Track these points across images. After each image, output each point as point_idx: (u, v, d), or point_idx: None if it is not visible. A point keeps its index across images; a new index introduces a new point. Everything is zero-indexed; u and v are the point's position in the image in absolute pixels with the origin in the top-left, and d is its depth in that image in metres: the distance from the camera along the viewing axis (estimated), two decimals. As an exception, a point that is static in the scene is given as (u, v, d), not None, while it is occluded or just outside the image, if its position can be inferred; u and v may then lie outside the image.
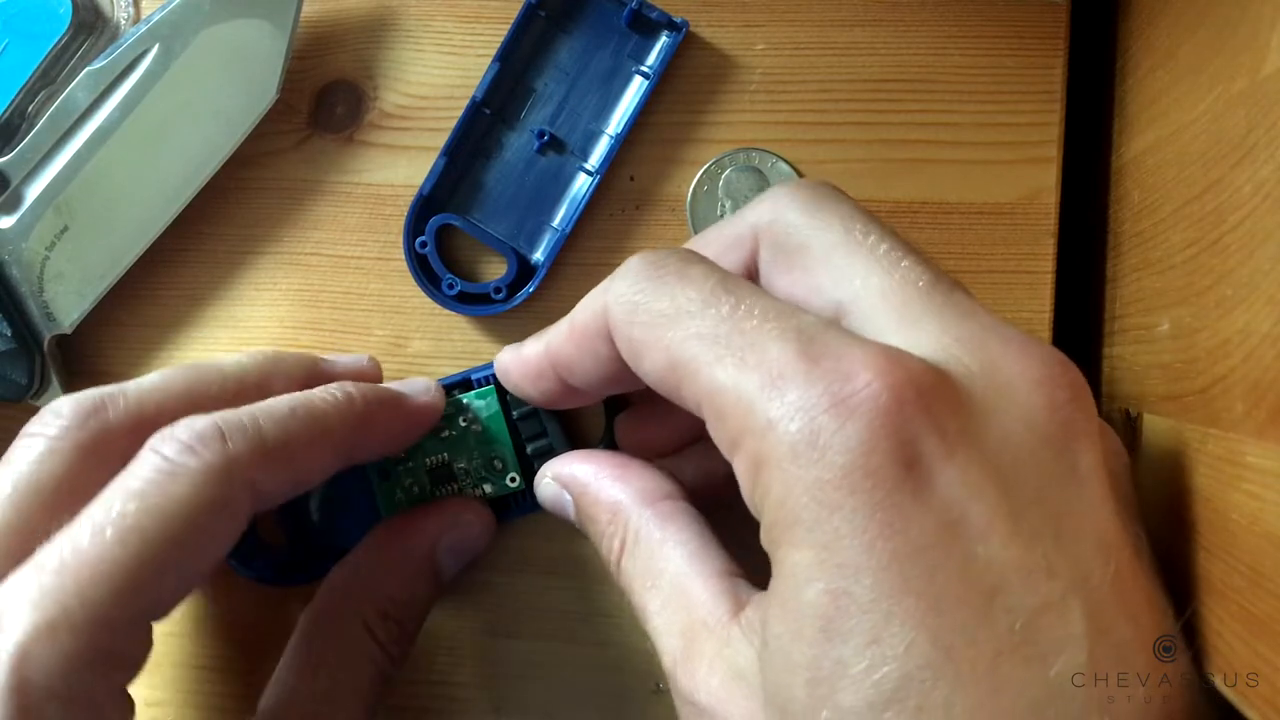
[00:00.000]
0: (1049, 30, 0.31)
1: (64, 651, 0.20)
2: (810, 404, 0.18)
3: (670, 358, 0.21)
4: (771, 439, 0.19)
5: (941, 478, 0.18)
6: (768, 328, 0.20)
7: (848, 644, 0.18)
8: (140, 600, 0.21)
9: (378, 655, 0.27)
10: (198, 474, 0.22)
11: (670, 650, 0.22)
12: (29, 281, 0.31)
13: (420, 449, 0.29)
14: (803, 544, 0.18)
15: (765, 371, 0.19)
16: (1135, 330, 0.28)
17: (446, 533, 0.29)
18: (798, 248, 0.23)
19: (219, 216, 0.32)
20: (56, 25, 0.31)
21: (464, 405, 0.29)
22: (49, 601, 0.21)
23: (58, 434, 0.24)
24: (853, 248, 0.22)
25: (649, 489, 0.25)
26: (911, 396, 0.18)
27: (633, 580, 0.24)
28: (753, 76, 0.31)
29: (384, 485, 0.29)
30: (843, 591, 0.18)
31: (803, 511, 0.18)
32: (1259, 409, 0.20)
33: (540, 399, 0.27)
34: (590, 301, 0.24)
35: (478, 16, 0.32)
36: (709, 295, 0.21)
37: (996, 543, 0.18)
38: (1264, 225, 0.20)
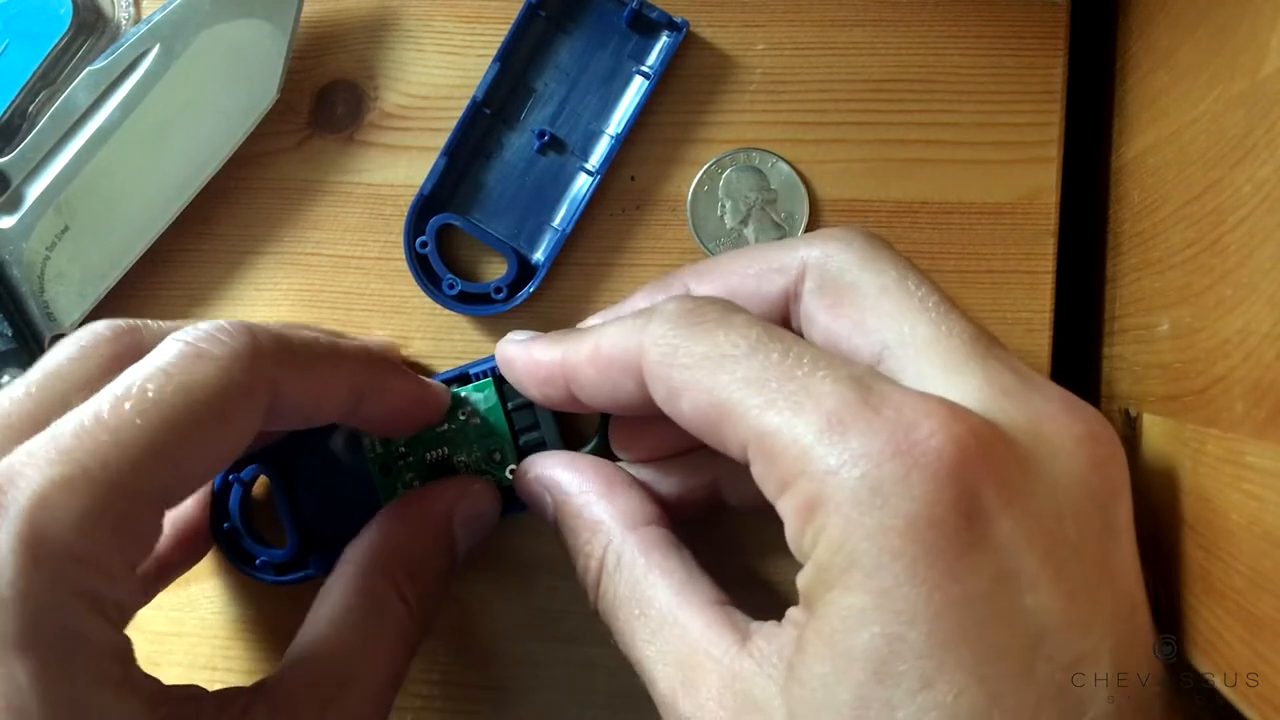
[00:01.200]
0: (1049, 30, 0.31)
1: (81, 508, 0.20)
2: (874, 451, 0.19)
3: (712, 400, 0.21)
4: (832, 484, 0.19)
5: (997, 530, 0.19)
6: (820, 374, 0.20)
7: (899, 687, 0.18)
8: (158, 474, 0.21)
9: (404, 616, 0.27)
10: (222, 357, 0.22)
11: (666, 679, 0.22)
12: (30, 281, 0.31)
13: (420, 443, 0.29)
14: (859, 588, 0.19)
15: (823, 416, 0.19)
16: (1135, 330, 0.28)
17: (461, 501, 0.29)
18: (848, 286, 0.23)
19: (219, 216, 0.32)
20: (57, 25, 0.31)
21: (462, 399, 0.29)
22: (67, 459, 0.20)
23: (90, 342, 0.24)
24: (904, 296, 0.22)
25: (633, 512, 0.25)
26: (974, 449, 0.19)
27: (616, 607, 0.24)
28: (753, 76, 0.31)
29: (385, 480, 0.30)
30: (897, 636, 0.18)
31: (862, 556, 0.19)
32: (1259, 409, 0.20)
33: (540, 401, 0.27)
34: (621, 336, 0.24)
35: (478, 16, 0.32)
36: (755, 342, 0.21)
37: (1043, 595, 0.19)
38: (1264, 225, 0.20)
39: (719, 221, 0.31)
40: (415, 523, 0.28)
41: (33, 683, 0.19)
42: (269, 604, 0.32)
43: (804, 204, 0.31)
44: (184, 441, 0.21)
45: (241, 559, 0.30)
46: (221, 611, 0.32)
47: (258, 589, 0.31)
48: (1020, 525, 0.19)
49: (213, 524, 0.30)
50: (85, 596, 0.20)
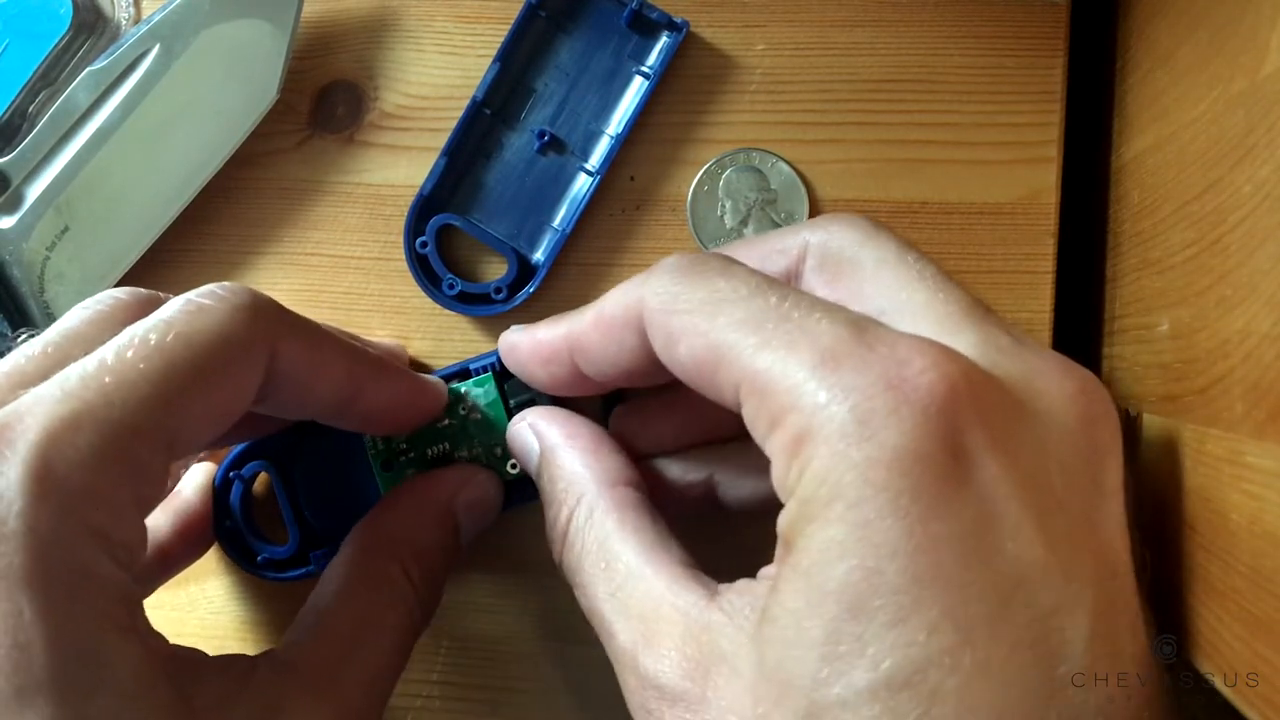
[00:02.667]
0: (1049, 30, 0.31)
1: (90, 444, 0.20)
2: (865, 385, 0.19)
3: (709, 342, 0.21)
4: (821, 416, 0.19)
5: (982, 471, 0.19)
6: (817, 315, 0.20)
7: (872, 622, 0.18)
8: (162, 417, 0.21)
9: (410, 598, 0.27)
10: (224, 311, 0.22)
11: (624, 632, 0.22)
12: (30, 282, 0.31)
13: (421, 439, 0.29)
14: (839, 520, 0.18)
15: (817, 353, 0.19)
16: (1135, 330, 0.28)
17: (463, 488, 0.29)
18: (847, 261, 0.23)
19: (219, 216, 0.32)
20: (57, 25, 0.31)
21: (463, 394, 0.29)
22: (73, 398, 0.20)
23: (107, 304, 0.25)
24: (901, 267, 0.22)
25: (612, 471, 0.25)
26: (964, 389, 0.19)
27: (582, 558, 0.24)
28: (753, 76, 0.31)
29: (387, 476, 0.30)
30: (875, 570, 0.18)
31: (846, 489, 0.18)
32: (1259, 409, 0.20)
33: (546, 382, 0.27)
34: (622, 294, 0.24)
35: (478, 16, 0.32)
36: (754, 287, 0.21)
37: (1024, 541, 0.18)
38: (1264, 225, 0.20)
39: (719, 221, 0.31)
40: (419, 507, 0.28)
41: (37, 617, 0.19)
42: (269, 603, 0.32)
43: (804, 204, 0.31)
44: (186, 388, 0.21)
45: (243, 556, 0.30)
46: (221, 611, 0.32)
47: (258, 588, 0.31)
48: (1006, 470, 0.19)
49: (214, 521, 0.30)
50: (93, 532, 0.20)
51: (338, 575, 0.26)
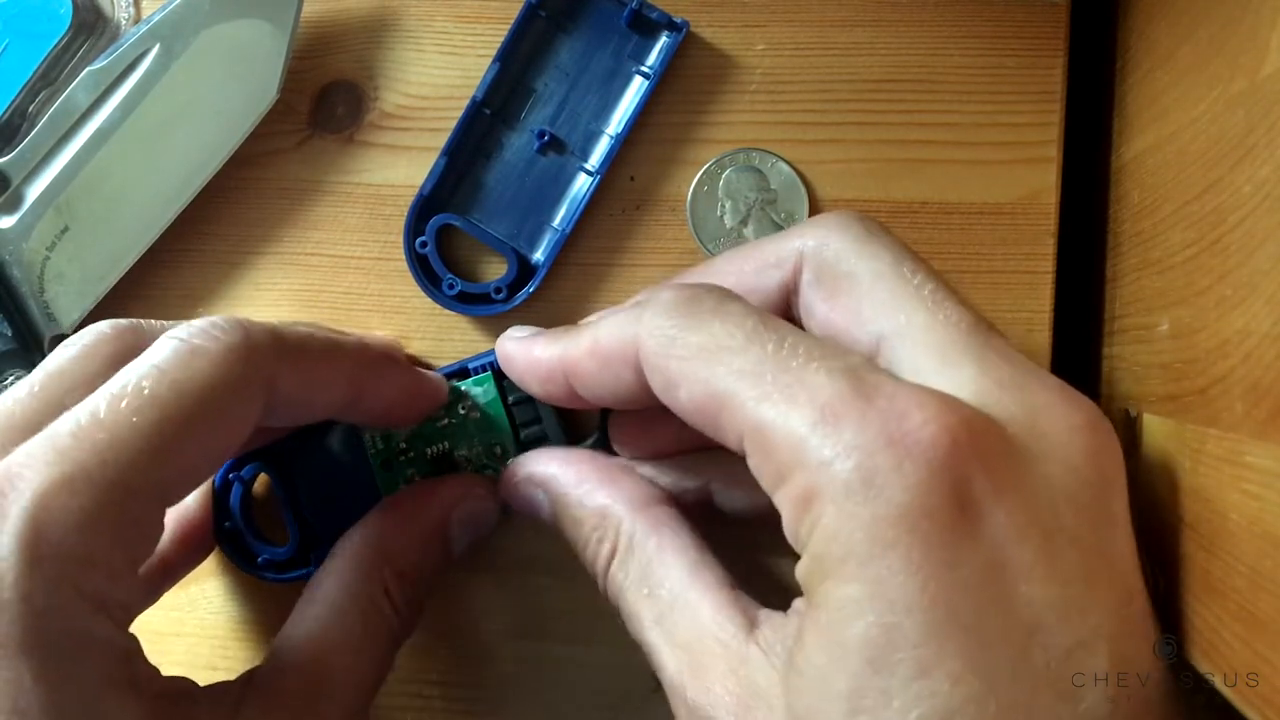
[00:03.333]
0: (1049, 30, 0.31)
1: (82, 508, 0.20)
2: (866, 442, 0.19)
3: (709, 391, 0.21)
4: (825, 475, 0.19)
5: (990, 519, 0.19)
6: (814, 365, 0.20)
7: (894, 676, 0.18)
8: (156, 471, 0.21)
9: (391, 616, 0.27)
10: (217, 353, 0.22)
11: (673, 662, 0.22)
12: (30, 282, 0.31)
13: (421, 438, 0.29)
14: (853, 579, 0.19)
15: (817, 408, 0.19)
16: (1135, 330, 0.28)
17: (460, 504, 0.29)
18: (844, 275, 0.23)
19: (219, 216, 0.32)
20: (57, 25, 0.31)
21: (463, 393, 0.29)
22: (66, 460, 0.20)
23: (92, 341, 0.25)
24: (900, 283, 0.22)
25: (638, 494, 0.25)
26: (965, 439, 0.19)
27: (625, 589, 0.24)
28: (753, 76, 0.31)
29: (386, 475, 0.30)
30: (893, 626, 0.18)
31: (856, 547, 0.19)
32: (1259, 409, 0.20)
33: (542, 397, 0.27)
34: (617, 328, 0.24)
35: (478, 16, 0.32)
36: (751, 332, 0.21)
37: (1037, 584, 0.19)
38: (1264, 225, 0.20)
39: (719, 221, 0.31)
40: (410, 522, 0.28)
41: (36, 685, 0.19)
42: (269, 603, 0.32)
43: (804, 204, 0.31)
44: (181, 437, 0.21)
45: (243, 558, 0.30)
46: (221, 611, 0.32)
47: (258, 588, 0.31)
48: (1013, 514, 0.19)
49: (214, 523, 0.30)
50: (88, 597, 0.20)
51: (321, 595, 0.26)
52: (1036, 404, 0.20)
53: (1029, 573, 0.19)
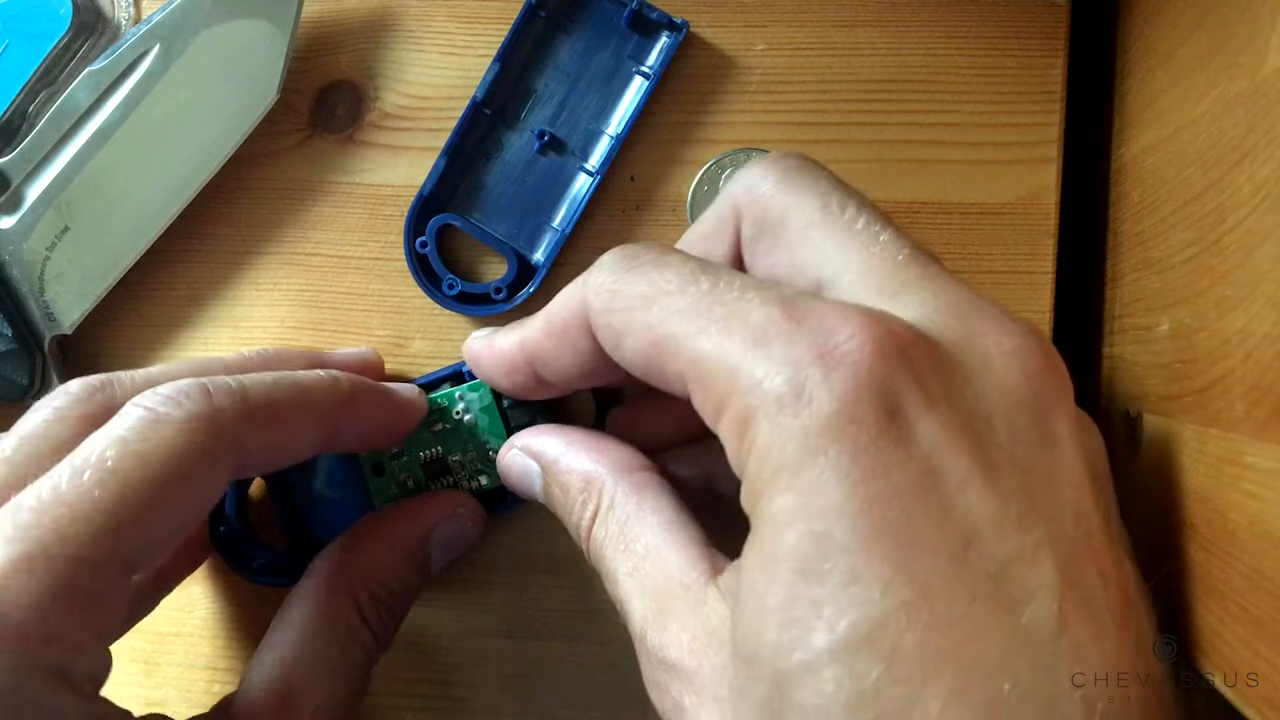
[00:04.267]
0: (1049, 30, 0.31)
1: (41, 587, 0.20)
2: (796, 357, 0.19)
3: (651, 336, 0.21)
4: (757, 394, 0.19)
5: (921, 428, 0.19)
6: (749, 296, 0.20)
7: (825, 584, 0.18)
8: (119, 544, 0.21)
9: (366, 636, 0.27)
10: (181, 422, 0.22)
11: (640, 611, 0.22)
12: (30, 282, 0.31)
13: (414, 443, 0.29)
14: (785, 489, 0.19)
15: (749, 334, 0.20)
16: (1135, 330, 0.28)
17: (441, 523, 0.29)
18: (776, 225, 0.23)
19: (219, 216, 0.32)
20: (57, 25, 0.31)
21: (456, 398, 0.29)
22: (25, 536, 0.20)
23: (64, 405, 0.25)
24: (830, 222, 0.22)
25: (624, 460, 0.25)
26: (894, 349, 0.19)
27: (604, 545, 0.24)
28: (753, 76, 0.31)
29: (378, 481, 0.30)
30: (823, 533, 0.18)
31: (787, 458, 0.19)
32: (1259, 409, 0.20)
33: (512, 391, 0.27)
34: (567, 296, 0.24)
35: (478, 16, 0.32)
36: (688, 275, 0.21)
37: (973, 495, 0.18)
38: (1264, 225, 0.20)
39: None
40: (389, 543, 0.28)
41: None
42: (268, 604, 0.32)
43: (804, 204, 0.31)
44: (144, 510, 0.21)
45: (239, 562, 0.30)
46: (221, 611, 0.32)
47: (255, 591, 0.31)
48: (946, 425, 0.19)
49: (209, 528, 0.30)
50: (53, 674, 0.20)
51: (295, 615, 0.27)
52: (974, 328, 0.20)
53: (964, 483, 0.18)
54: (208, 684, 0.32)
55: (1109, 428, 0.30)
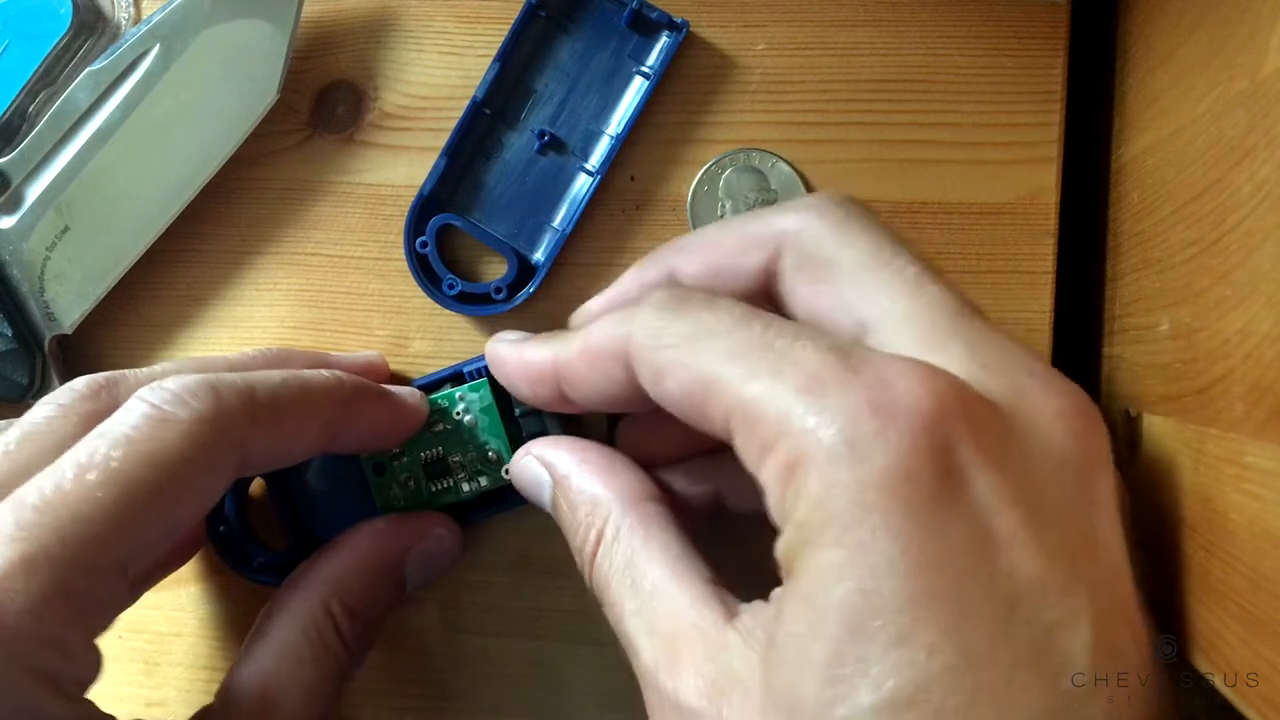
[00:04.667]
0: (1049, 30, 0.31)
1: (38, 589, 0.20)
2: (851, 408, 0.19)
3: (696, 375, 0.21)
4: (810, 441, 0.19)
5: (974, 488, 0.19)
6: (801, 343, 0.20)
7: (873, 643, 0.18)
8: (119, 547, 0.21)
9: (340, 650, 0.27)
10: (187, 423, 0.22)
11: (648, 650, 0.22)
12: (30, 281, 0.31)
13: (415, 443, 0.29)
14: (836, 544, 0.18)
15: (803, 380, 0.19)
16: (1135, 330, 0.28)
17: (419, 544, 0.29)
18: (825, 262, 0.23)
19: (220, 216, 0.32)
20: (57, 25, 0.31)
21: (456, 399, 0.29)
22: (27, 537, 0.20)
23: (69, 402, 0.25)
24: (880, 268, 0.22)
25: (633, 488, 0.25)
26: (951, 405, 0.19)
27: (609, 577, 0.24)
28: (753, 76, 0.31)
29: (379, 481, 0.30)
30: (873, 591, 0.18)
31: (839, 512, 0.18)
32: (1259, 409, 0.20)
33: (532, 402, 0.27)
34: (609, 327, 0.24)
35: (478, 16, 0.32)
36: (738, 317, 0.21)
37: (1020, 556, 0.18)
38: (1264, 225, 0.20)
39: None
40: (366, 561, 0.28)
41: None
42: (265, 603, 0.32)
43: (804, 204, 0.31)
44: (146, 511, 0.21)
45: (239, 562, 0.30)
46: (221, 611, 0.32)
47: (257, 589, 0.31)
48: (998, 485, 0.19)
49: (208, 527, 0.30)
50: (43, 677, 0.20)
51: (272, 628, 0.27)
52: (1021, 386, 0.20)
53: (1011, 545, 0.18)
54: (207, 684, 0.32)
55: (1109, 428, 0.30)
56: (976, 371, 0.20)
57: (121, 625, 0.32)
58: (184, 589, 0.32)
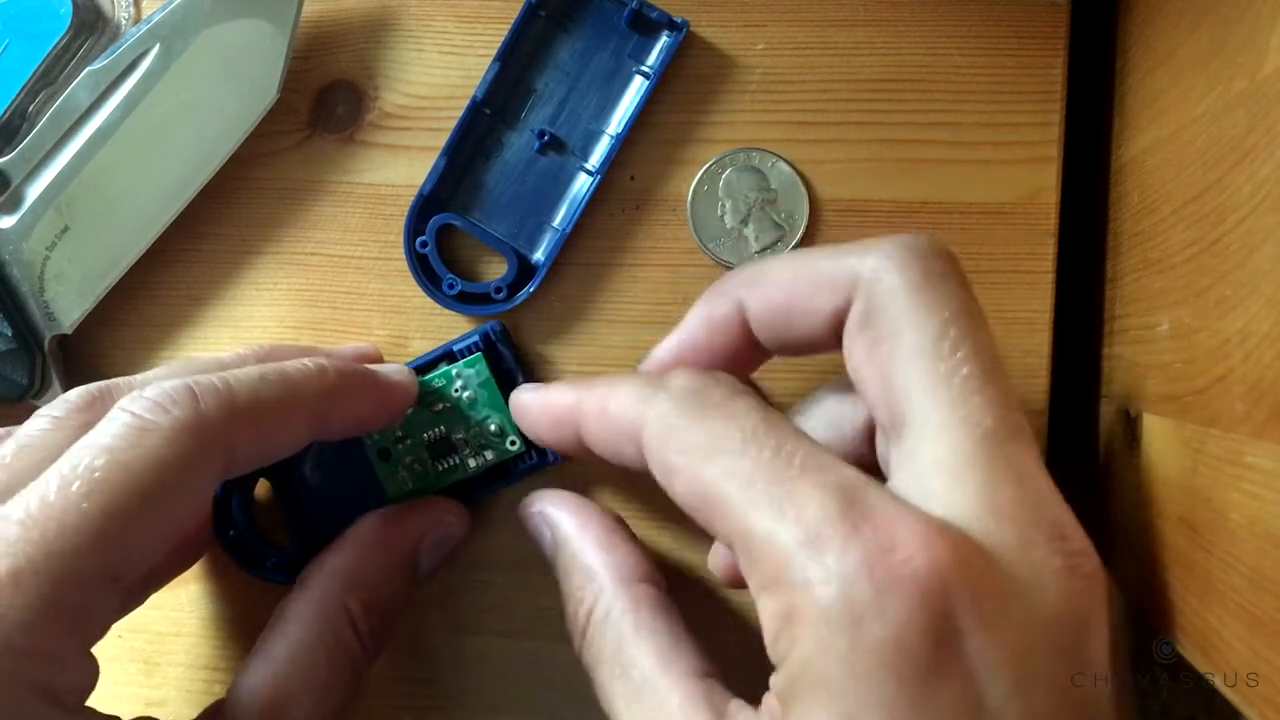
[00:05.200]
0: (1049, 30, 0.31)
1: (26, 603, 0.20)
2: (849, 571, 0.19)
3: (704, 491, 0.21)
4: (806, 598, 0.19)
5: (969, 652, 0.19)
6: (808, 479, 0.20)
7: None
8: (107, 556, 0.21)
9: (355, 647, 0.27)
10: (168, 430, 0.22)
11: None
12: (30, 281, 0.31)
13: (416, 425, 0.29)
14: (825, 709, 0.19)
15: (804, 527, 0.19)
16: (1135, 330, 0.28)
17: (430, 530, 0.29)
18: (889, 330, 0.22)
19: (219, 216, 0.32)
20: (57, 25, 0.31)
21: (453, 376, 0.29)
22: (13, 551, 0.20)
23: (63, 414, 0.25)
24: (935, 363, 0.21)
25: (629, 567, 0.25)
26: (951, 572, 0.19)
27: (599, 662, 0.24)
28: (753, 76, 0.31)
29: (385, 466, 0.30)
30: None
31: (830, 676, 0.19)
32: (1259, 409, 0.20)
33: (553, 446, 0.27)
34: (628, 402, 0.24)
35: (478, 16, 0.32)
36: (750, 435, 0.21)
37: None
38: (1264, 225, 0.20)
39: (719, 221, 0.31)
40: (380, 553, 0.28)
41: None
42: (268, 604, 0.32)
43: (804, 204, 0.31)
44: (132, 521, 0.21)
45: (252, 564, 0.30)
46: (221, 611, 0.32)
47: (257, 588, 0.31)
48: (992, 649, 0.19)
49: (218, 532, 0.30)
50: (37, 689, 0.20)
51: (287, 625, 0.27)
52: (1029, 536, 0.20)
53: (1001, 713, 0.18)
54: (208, 684, 0.32)
55: (1109, 428, 0.30)
56: (987, 514, 0.20)
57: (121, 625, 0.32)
58: (184, 589, 0.32)
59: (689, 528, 0.31)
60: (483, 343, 0.30)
